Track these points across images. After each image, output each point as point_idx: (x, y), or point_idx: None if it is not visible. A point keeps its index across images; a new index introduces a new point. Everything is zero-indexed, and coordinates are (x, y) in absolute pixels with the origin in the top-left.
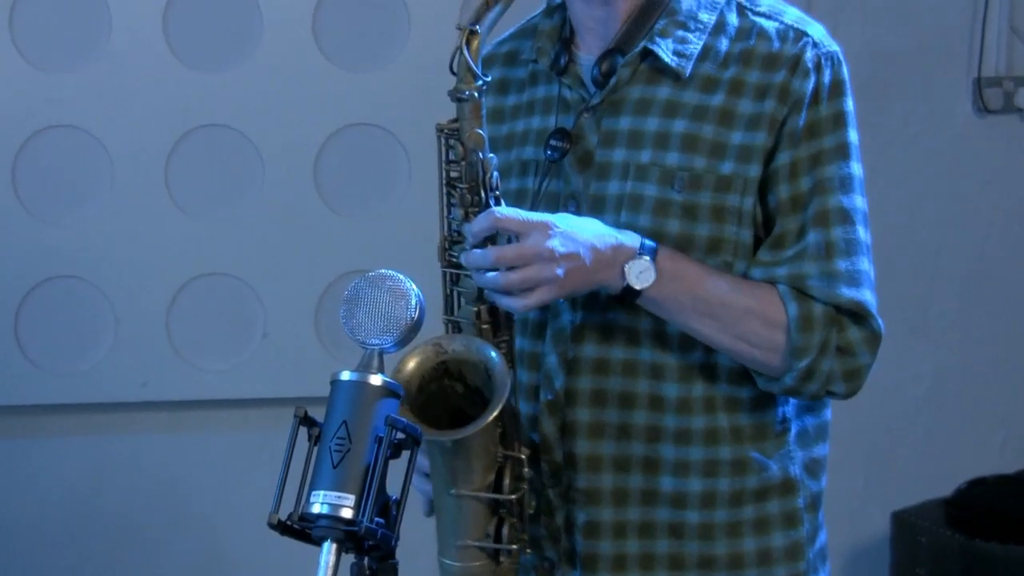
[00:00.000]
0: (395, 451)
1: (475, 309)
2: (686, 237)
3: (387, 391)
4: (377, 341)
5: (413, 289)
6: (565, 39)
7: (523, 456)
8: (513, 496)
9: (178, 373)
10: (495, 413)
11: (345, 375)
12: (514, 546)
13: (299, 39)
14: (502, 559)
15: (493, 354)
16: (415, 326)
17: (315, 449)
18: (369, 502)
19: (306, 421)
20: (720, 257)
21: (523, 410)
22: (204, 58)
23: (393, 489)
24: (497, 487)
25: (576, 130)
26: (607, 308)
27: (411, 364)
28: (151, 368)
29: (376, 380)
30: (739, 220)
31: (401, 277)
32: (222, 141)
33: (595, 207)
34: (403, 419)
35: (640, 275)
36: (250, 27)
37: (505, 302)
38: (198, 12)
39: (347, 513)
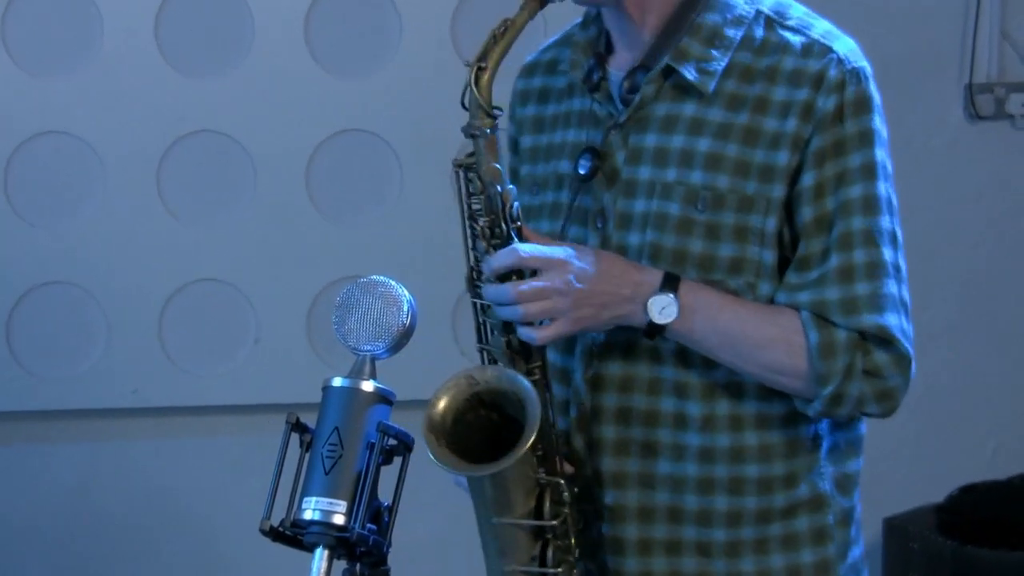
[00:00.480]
0: (387, 457)
1: (505, 339)
2: (709, 257)
3: (379, 397)
4: (369, 347)
5: (405, 295)
6: (599, 53)
7: (562, 481)
8: (555, 521)
9: (170, 379)
10: (528, 444)
11: (337, 381)
12: (560, 569)
13: (291, 44)
14: None
15: (525, 383)
16: (407, 332)
17: (307, 455)
18: (361, 508)
19: (298, 427)
20: (742, 278)
21: (559, 425)
22: (196, 63)
23: (385, 495)
24: (538, 511)
25: (604, 147)
26: (631, 327)
27: (444, 399)
28: (143, 374)
29: (368, 386)
30: (761, 240)
31: (393, 283)
32: (214, 147)
33: (622, 224)
34: (395, 425)
35: (663, 311)
36: (242, 32)
37: (525, 333)
38: (190, 17)
39: (339, 519)
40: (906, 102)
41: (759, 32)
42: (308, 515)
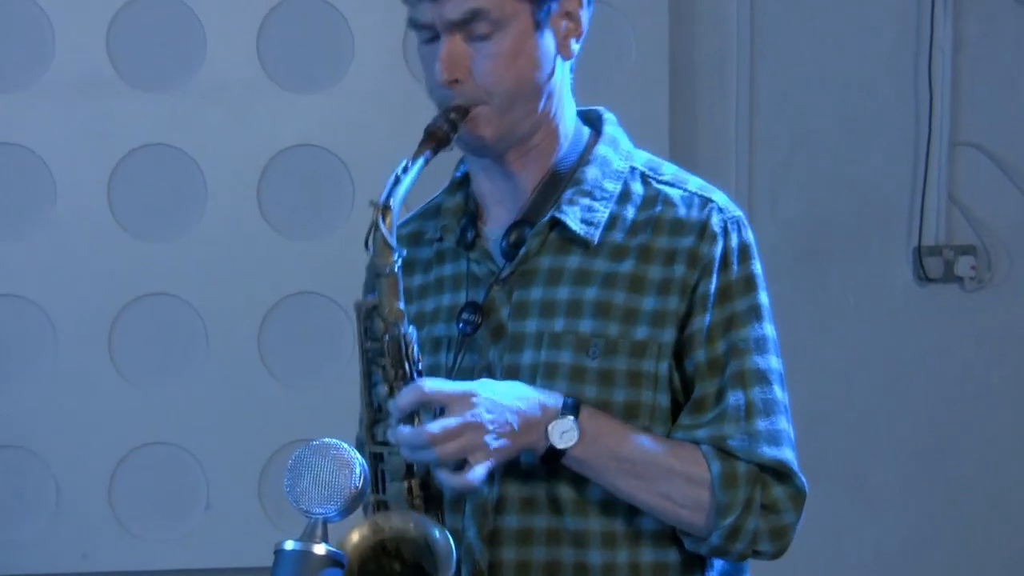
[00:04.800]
0: None
1: (405, 485)
2: (603, 403)
3: (330, 560)
4: (321, 510)
5: (357, 458)
6: (471, 214)
7: None
8: None
9: (120, 543)
10: None
11: (289, 544)
12: None
13: (243, 207)
14: None
15: (435, 529)
16: (359, 495)
17: None
18: None
19: None
20: (638, 422)
21: None
22: (148, 227)
23: None
24: None
25: (487, 303)
26: (528, 478)
27: (348, 550)
28: (92, 538)
29: (320, 549)
30: (655, 385)
31: (345, 446)
32: (166, 309)
33: (510, 377)
34: None
35: (563, 435)
36: (194, 195)
37: (447, 480)
38: (142, 180)
39: None
40: (855, 264)
41: (636, 186)
42: None
